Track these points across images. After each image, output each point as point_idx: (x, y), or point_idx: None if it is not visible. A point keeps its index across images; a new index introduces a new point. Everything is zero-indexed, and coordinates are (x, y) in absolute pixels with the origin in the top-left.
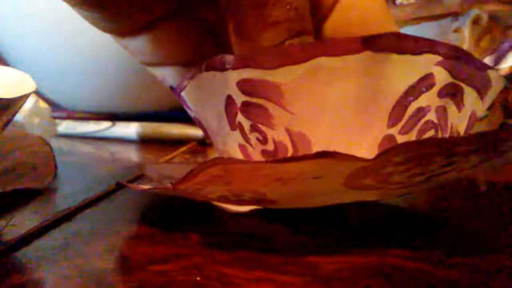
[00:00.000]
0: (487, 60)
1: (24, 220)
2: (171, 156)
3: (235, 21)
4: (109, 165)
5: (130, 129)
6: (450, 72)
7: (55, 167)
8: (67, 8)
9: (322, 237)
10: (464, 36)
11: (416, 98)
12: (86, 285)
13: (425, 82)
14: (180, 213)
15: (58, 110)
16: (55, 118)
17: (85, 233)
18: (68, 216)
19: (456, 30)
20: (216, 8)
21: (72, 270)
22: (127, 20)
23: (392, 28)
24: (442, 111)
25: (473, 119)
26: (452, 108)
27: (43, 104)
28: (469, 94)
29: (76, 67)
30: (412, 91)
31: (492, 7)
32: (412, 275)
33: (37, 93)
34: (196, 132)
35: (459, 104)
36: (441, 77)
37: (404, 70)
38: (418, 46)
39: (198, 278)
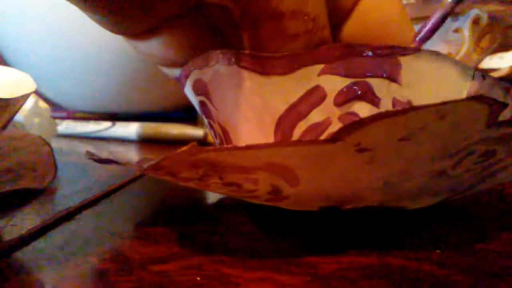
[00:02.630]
0: (487, 60)
1: (24, 220)
2: None
3: (250, 34)
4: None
5: (130, 129)
6: (343, 74)
7: (55, 167)
8: (67, 8)
9: (322, 237)
10: (464, 36)
11: (303, 116)
12: (86, 285)
13: (311, 98)
14: (180, 213)
15: (58, 110)
16: (55, 118)
17: (85, 233)
18: (68, 216)
19: (456, 30)
20: (225, 13)
21: (72, 270)
22: (137, 22)
23: (409, 30)
24: (349, 118)
25: (399, 105)
26: (366, 108)
27: (43, 104)
28: (380, 85)
29: (76, 67)
30: (294, 110)
31: (492, 7)
32: (412, 275)
33: (37, 93)
34: (196, 132)
35: (374, 100)
36: (332, 84)
37: (280, 91)
38: (286, 65)
39: (198, 278)
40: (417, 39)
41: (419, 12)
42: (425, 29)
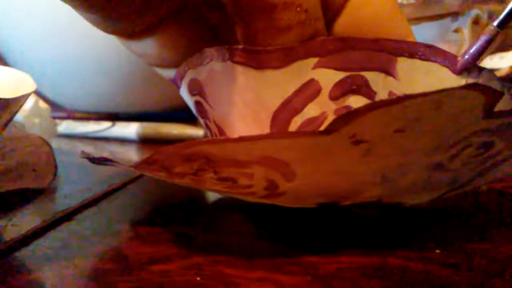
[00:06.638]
0: (488, 60)
1: (24, 220)
2: None
3: (244, 27)
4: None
5: (130, 129)
6: (338, 67)
7: (55, 167)
8: (67, 8)
9: (322, 237)
10: (464, 36)
11: (299, 111)
12: (86, 285)
13: (306, 92)
14: (180, 213)
15: (58, 110)
16: (55, 118)
17: (85, 233)
18: (68, 216)
19: (456, 30)
20: (218, 9)
21: (72, 270)
22: (130, 22)
23: (403, 26)
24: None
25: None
26: (361, 102)
27: (43, 104)
28: (376, 78)
29: (76, 67)
30: (289, 105)
31: (492, 7)
32: (412, 275)
33: (37, 93)
34: (196, 132)
35: (369, 94)
36: (327, 78)
37: (274, 85)
38: (280, 59)
39: (198, 278)
40: (459, 65)
41: (419, 12)
42: (469, 54)
